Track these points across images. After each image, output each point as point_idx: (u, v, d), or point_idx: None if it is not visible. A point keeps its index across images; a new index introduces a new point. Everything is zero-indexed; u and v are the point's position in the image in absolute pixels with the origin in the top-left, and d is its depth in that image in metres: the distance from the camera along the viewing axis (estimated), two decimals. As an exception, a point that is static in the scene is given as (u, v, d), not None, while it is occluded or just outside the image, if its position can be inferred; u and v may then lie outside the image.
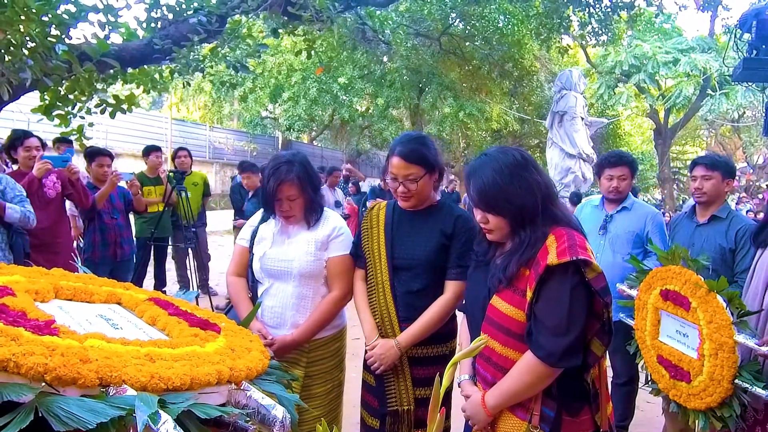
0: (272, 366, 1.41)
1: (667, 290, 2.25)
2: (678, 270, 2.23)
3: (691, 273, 2.16)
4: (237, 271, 2.28)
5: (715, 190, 2.66)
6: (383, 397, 2.08)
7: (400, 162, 1.95)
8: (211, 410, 0.99)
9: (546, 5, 9.62)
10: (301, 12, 5.32)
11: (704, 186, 2.66)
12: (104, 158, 4.30)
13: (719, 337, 1.99)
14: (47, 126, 4.89)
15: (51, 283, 1.40)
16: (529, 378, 1.45)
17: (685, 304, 2.15)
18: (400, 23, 12.45)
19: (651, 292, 2.34)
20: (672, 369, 2.21)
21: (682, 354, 2.16)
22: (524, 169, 1.50)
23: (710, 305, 2.04)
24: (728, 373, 1.95)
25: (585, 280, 1.40)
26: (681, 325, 2.19)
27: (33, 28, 3.78)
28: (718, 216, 2.67)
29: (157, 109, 21.39)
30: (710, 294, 2.04)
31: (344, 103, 16.33)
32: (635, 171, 3.10)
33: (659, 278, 2.32)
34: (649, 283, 2.37)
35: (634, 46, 14.98)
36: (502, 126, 17.75)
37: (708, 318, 2.04)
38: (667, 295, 2.24)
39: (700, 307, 2.07)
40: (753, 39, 5.30)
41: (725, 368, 1.96)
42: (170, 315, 1.42)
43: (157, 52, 4.76)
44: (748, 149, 22.69)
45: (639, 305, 2.42)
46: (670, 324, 2.26)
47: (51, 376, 0.85)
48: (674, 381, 2.20)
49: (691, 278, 2.14)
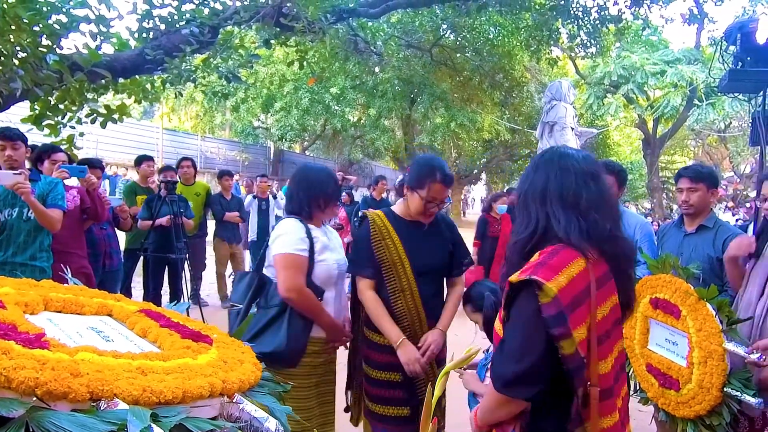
0: (264, 378, 1.40)
1: (656, 298, 2.24)
2: (668, 278, 2.23)
3: (681, 281, 2.15)
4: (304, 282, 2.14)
5: (702, 201, 2.67)
6: (412, 387, 2.21)
7: (442, 187, 2.18)
8: (203, 424, 0.98)
9: (536, 18, 9.74)
10: (294, 23, 5.35)
11: (691, 198, 2.67)
12: (94, 170, 4.28)
13: (708, 345, 1.98)
14: (37, 136, 4.85)
15: (41, 295, 1.39)
16: (488, 402, 1.32)
17: (675, 313, 2.14)
18: (391, 34, 12.55)
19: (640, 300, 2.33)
20: (661, 377, 2.20)
21: (671, 362, 2.15)
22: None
23: (700, 313, 2.03)
24: (717, 381, 1.94)
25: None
26: (670, 333, 2.19)
27: (24, 38, 3.77)
28: (705, 225, 2.68)
29: (148, 118, 21.32)
30: (700, 302, 2.04)
31: (336, 113, 16.38)
32: (623, 181, 3.04)
33: (649, 287, 2.31)
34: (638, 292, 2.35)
35: (622, 58, 15.19)
36: (493, 136, 17.88)
37: (697, 326, 2.03)
38: (657, 304, 2.23)
39: (690, 315, 2.06)
40: (738, 51, 5.39)
41: (714, 376, 1.94)
42: (162, 327, 1.40)
43: (149, 62, 4.76)
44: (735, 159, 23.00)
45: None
46: (660, 332, 2.26)
47: (42, 390, 0.84)
48: (663, 389, 2.18)
49: (681, 287, 2.13)
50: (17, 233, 2.99)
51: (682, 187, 2.70)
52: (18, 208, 3.00)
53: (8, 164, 3.00)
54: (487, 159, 21.79)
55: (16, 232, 2.99)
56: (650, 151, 17.76)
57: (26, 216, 3.01)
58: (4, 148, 3.00)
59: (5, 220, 2.96)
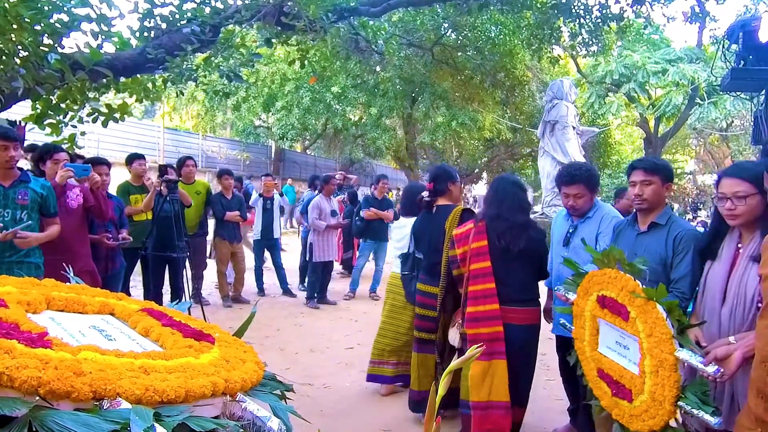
0: (266, 377, 1.40)
1: (603, 296, 2.03)
2: (614, 274, 2.00)
3: (628, 278, 1.93)
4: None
5: (656, 196, 2.42)
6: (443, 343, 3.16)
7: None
8: (206, 423, 0.98)
9: (537, 16, 9.72)
10: (295, 22, 5.34)
11: (644, 192, 2.42)
12: (101, 167, 4.27)
13: (659, 353, 1.76)
14: (38, 135, 4.85)
15: (43, 294, 1.39)
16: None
17: (623, 313, 1.93)
18: (393, 33, 12.53)
19: (588, 297, 2.13)
20: (614, 386, 1.99)
21: (624, 369, 1.94)
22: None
23: (650, 316, 1.82)
24: (670, 393, 1.73)
25: None
26: (621, 335, 1.98)
27: (25, 37, 3.77)
28: (657, 223, 2.42)
29: (149, 118, 21.34)
30: (649, 303, 1.83)
31: (337, 113, 16.36)
32: (593, 186, 2.92)
33: (595, 282, 2.09)
34: (585, 288, 2.15)
35: (623, 56, 15.16)
36: (494, 135, 17.86)
37: (648, 330, 1.82)
38: (604, 302, 2.02)
39: (640, 317, 1.85)
40: (740, 50, 5.39)
41: (666, 388, 1.74)
42: (164, 326, 1.40)
43: (150, 61, 4.75)
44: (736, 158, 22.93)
45: (577, 312, 2.22)
46: (610, 334, 2.04)
47: (45, 389, 0.84)
48: (616, 399, 1.97)
49: (628, 284, 1.91)
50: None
51: (635, 180, 2.45)
52: (11, 210, 3.00)
53: (9, 165, 3.00)
54: (488, 158, 21.75)
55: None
56: (652, 150, 17.72)
57: (19, 218, 3.02)
58: (6, 148, 3.00)
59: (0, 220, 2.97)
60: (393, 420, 3.36)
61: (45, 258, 3.17)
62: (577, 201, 2.89)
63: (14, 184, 3.03)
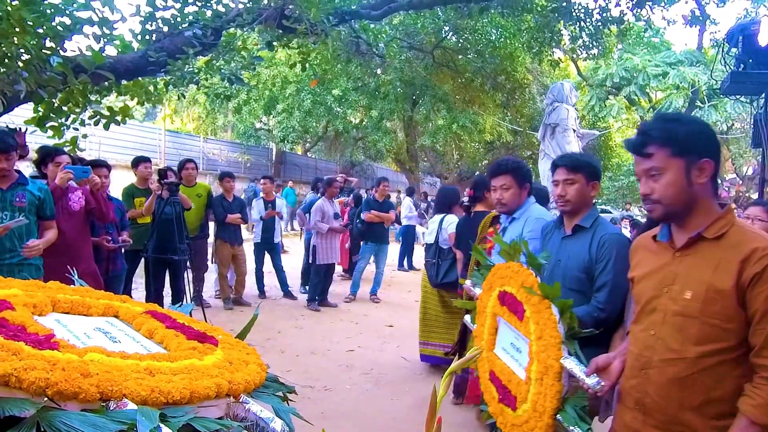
0: (269, 379, 1.41)
1: (504, 292, 1.87)
2: (516, 268, 1.82)
3: (528, 273, 1.76)
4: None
5: (580, 196, 2.19)
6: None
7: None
8: (210, 424, 0.99)
9: (537, 19, 9.74)
10: (296, 25, 5.35)
11: (567, 192, 2.20)
12: (101, 169, 4.29)
13: (546, 358, 1.61)
14: (40, 138, 4.87)
15: (48, 297, 1.40)
16: None
17: (519, 312, 1.76)
18: (393, 36, 12.57)
19: (491, 293, 1.95)
20: (501, 390, 1.82)
21: (513, 373, 1.78)
22: None
23: (542, 316, 1.66)
24: (550, 405, 1.58)
25: None
26: (515, 336, 1.80)
27: (28, 40, 3.78)
28: (582, 226, 2.19)
29: (150, 120, 21.38)
30: (543, 302, 1.66)
31: (338, 115, 16.40)
32: (522, 178, 2.71)
33: (499, 276, 1.92)
34: (490, 282, 1.97)
35: (624, 59, 15.20)
36: (495, 138, 17.88)
37: (538, 332, 1.66)
38: (504, 299, 1.86)
39: (533, 317, 1.69)
40: (740, 53, 5.40)
41: (548, 398, 1.58)
42: (167, 328, 1.42)
43: (152, 64, 4.77)
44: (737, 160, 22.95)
45: (479, 308, 2.04)
46: (506, 334, 1.87)
47: (52, 390, 0.85)
48: (502, 406, 1.80)
49: (527, 279, 1.75)
50: (10, 237, 3.01)
51: (558, 179, 2.24)
52: (9, 213, 3.02)
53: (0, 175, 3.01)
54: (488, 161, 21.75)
55: (9, 235, 3.01)
56: (652, 152, 17.72)
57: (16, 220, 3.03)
58: None
59: None
60: (393, 422, 3.37)
61: (48, 260, 3.18)
62: (504, 194, 2.69)
63: (12, 187, 3.04)
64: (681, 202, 1.40)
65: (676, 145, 1.38)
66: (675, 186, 1.39)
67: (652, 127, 1.42)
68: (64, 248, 3.32)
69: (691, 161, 1.38)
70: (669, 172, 1.40)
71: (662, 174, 1.41)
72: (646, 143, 1.42)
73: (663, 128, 1.41)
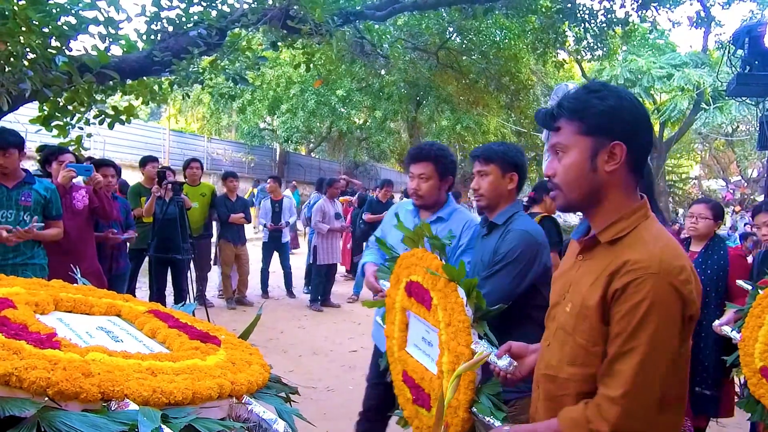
0: (272, 379, 1.40)
1: (411, 282, 1.72)
2: (421, 254, 1.68)
3: (432, 257, 1.63)
4: None
5: (494, 189, 1.99)
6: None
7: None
8: (212, 425, 0.98)
9: (542, 20, 9.73)
10: (300, 25, 5.35)
11: (481, 185, 2.01)
12: (108, 168, 4.30)
13: (456, 346, 1.48)
14: (45, 137, 4.88)
15: (51, 295, 1.39)
16: None
17: (426, 300, 1.63)
18: (398, 37, 12.56)
19: (399, 286, 1.80)
20: (415, 390, 1.67)
21: (425, 370, 1.63)
22: None
23: (449, 300, 1.53)
24: (464, 397, 1.43)
25: None
26: (426, 329, 1.66)
27: (34, 39, 3.79)
28: (494, 223, 1.99)
29: (155, 120, 21.43)
30: (450, 285, 1.53)
31: (342, 116, 16.41)
32: (444, 170, 2.36)
33: (405, 267, 1.77)
34: (397, 275, 1.81)
35: (629, 61, 15.13)
36: (498, 139, 17.85)
37: (447, 319, 1.52)
38: (411, 289, 1.71)
39: (440, 303, 1.56)
40: (746, 55, 5.38)
41: (461, 391, 1.44)
42: (170, 327, 1.41)
43: (157, 64, 4.78)
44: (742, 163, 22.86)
45: (388, 305, 1.88)
46: (417, 329, 1.72)
47: (53, 390, 0.84)
48: (416, 407, 1.67)
49: (432, 263, 1.61)
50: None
51: (474, 172, 2.06)
52: (14, 211, 3.02)
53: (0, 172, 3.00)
54: (492, 162, 21.79)
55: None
56: (656, 154, 17.66)
57: (21, 219, 3.03)
58: None
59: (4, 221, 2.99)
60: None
61: (51, 259, 3.18)
62: (422, 184, 2.32)
63: (18, 186, 3.04)
64: (582, 191, 1.18)
65: (586, 121, 1.16)
66: (575, 170, 1.17)
67: (568, 98, 1.21)
68: (67, 247, 3.33)
69: (599, 143, 1.15)
70: (572, 151, 1.17)
71: (566, 153, 1.19)
72: (555, 115, 1.20)
73: (577, 99, 1.18)
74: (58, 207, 3.22)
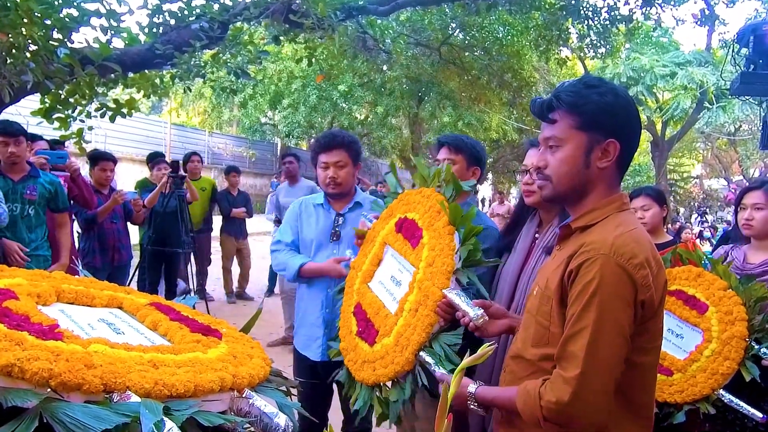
0: (273, 373, 1.40)
1: (404, 219, 1.70)
2: (428, 193, 1.66)
3: (440, 197, 1.60)
4: None
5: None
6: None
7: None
8: (213, 418, 0.98)
9: (545, 17, 9.69)
10: (303, 20, 5.34)
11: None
12: (107, 162, 4.29)
13: (429, 287, 1.46)
14: (46, 129, 4.88)
15: (53, 286, 1.39)
16: None
17: (415, 238, 1.60)
18: (400, 33, 12.52)
19: (389, 220, 1.79)
20: (363, 323, 1.66)
21: (383, 306, 1.62)
22: None
23: (441, 242, 1.51)
24: (417, 338, 1.42)
25: None
26: (399, 268, 1.66)
27: (36, 31, 3.78)
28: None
29: (156, 113, 21.40)
30: (447, 228, 1.51)
31: (344, 111, 16.38)
32: (357, 155, 2.32)
33: (405, 203, 1.75)
34: (391, 210, 1.81)
35: (632, 59, 15.08)
36: (500, 135, 17.82)
37: (430, 259, 1.50)
38: (402, 226, 1.70)
39: (430, 243, 1.55)
40: (750, 53, 5.36)
41: (417, 331, 1.42)
42: (171, 320, 1.41)
43: (159, 57, 4.77)
44: (744, 162, 22.83)
45: (369, 237, 1.88)
46: (390, 266, 1.72)
47: (56, 381, 0.84)
48: (358, 341, 1.65)
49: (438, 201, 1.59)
50: (20, 229, 3.02)
51: (439, 159, 2.04)
52: (19, 204, 3.02)
53: (10, 161, 3.00)
54: (494, 159, 21.70)
55: (19, 227, 3.01)
56: (658, 153, 17.64)
57: (26, 212, 3.03)
58: (6, 144, 2.98)
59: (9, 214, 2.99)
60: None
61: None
62: (339, 172, 2.26)
63: (23, 179, 3.04)
64: (573, 185, 1.21)
65: (584, 116, 1.17)
66: (569, 164, 1.19)
67: (565, 90, 1.21)
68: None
69: (595, 139, 1.18)
70: (568, 145, 1.19)
71: (560, 147, 1.20)
72: (552, 107, 1.21)
73: (576, 93, 1.19)
74: (65, 200, 3.21)
